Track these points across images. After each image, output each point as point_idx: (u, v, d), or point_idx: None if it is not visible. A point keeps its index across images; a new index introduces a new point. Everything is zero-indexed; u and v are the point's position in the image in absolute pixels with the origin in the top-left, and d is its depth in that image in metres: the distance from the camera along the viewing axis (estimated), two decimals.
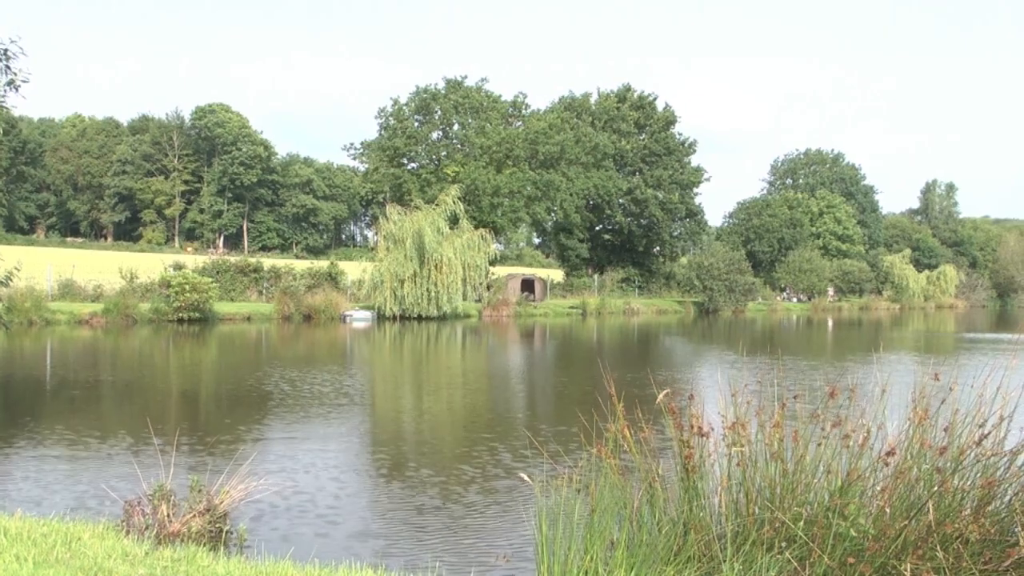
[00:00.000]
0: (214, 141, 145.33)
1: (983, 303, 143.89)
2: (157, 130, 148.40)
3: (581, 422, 7.72)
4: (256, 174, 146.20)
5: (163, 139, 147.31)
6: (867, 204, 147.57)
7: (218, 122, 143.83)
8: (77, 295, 52.04)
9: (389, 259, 58.49)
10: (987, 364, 7.63)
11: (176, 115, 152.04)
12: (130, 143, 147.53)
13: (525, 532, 9.63)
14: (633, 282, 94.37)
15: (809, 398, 8.41)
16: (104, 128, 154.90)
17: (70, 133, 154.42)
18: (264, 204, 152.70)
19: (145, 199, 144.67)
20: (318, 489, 11.90)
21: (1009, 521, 6.48)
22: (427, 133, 79.31)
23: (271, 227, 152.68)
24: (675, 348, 43.56)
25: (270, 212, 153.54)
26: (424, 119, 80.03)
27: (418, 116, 79.98)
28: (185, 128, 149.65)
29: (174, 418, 17.75)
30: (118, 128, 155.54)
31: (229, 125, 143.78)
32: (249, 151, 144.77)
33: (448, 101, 78.65)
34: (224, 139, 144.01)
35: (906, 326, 71.39)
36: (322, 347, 38.75)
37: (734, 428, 7.14)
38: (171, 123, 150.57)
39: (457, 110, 79.12)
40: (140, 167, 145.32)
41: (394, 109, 79.51)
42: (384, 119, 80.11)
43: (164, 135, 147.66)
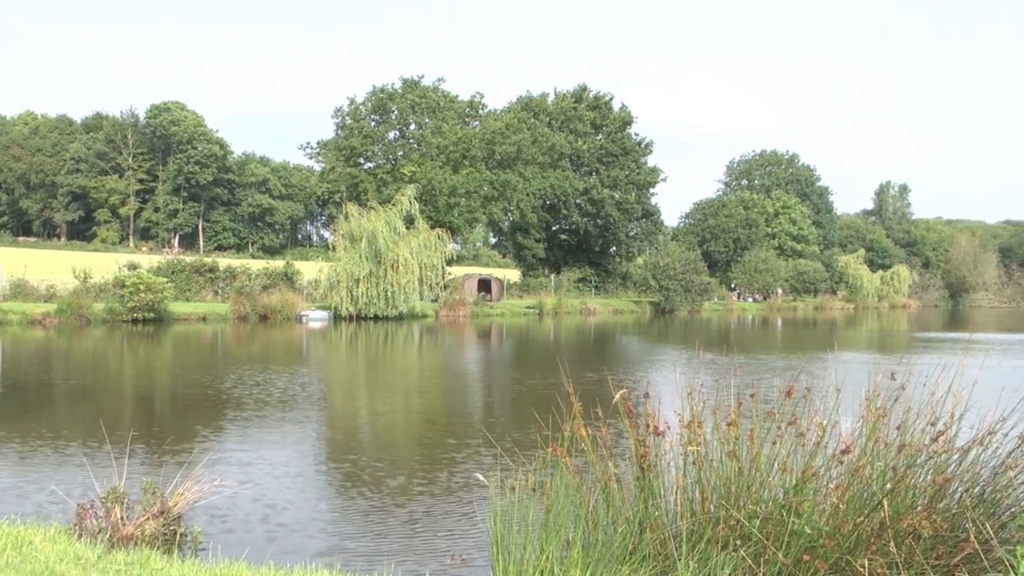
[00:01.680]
0: (169, 140, 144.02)
1: (935, 303, 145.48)
2: (111, 128, 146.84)
3: (538, 422, 7.73)
4: (212, 173, 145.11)
5: (117, 137, 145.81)
6: (822, 205, 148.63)
7: (173, 120, 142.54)
8: (29, 295, 51.53)
9: (346, 259, 58.35)
10: (939, 363, 7.72)
11: (131, 113, 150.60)
12: (84, 141, 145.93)
13: (481, 532, 9.64)
14: (590, 282, 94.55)
15: (764, 397, 8.48)
16: (57, 126, 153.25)
17: (22, 131, 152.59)
18: (220, 203, 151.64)
19: (99, 198, 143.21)
20: (274, 490, 11.84)
21: (960, 517, 6.55)
22: (384, 133, 79.32)
23: (227, 227, 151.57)
24: (632, 348, 43.67)
25: (226, 211, 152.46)
26: (381, 119, 80.00)
27: (375, 116, 79.96)
28: (140, 126, 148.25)
29: (128, 420, 17.62)
30: (71, 126, 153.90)
31: (184, 124, 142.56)
32: (205, 150, 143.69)
33: (405, 101, 78.65)
34: (179, 138, 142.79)
35: (860, 325, 71.99)
36: (278, 347, 38.58)
37: (690, 427, 7.17)
38: (125, 121, 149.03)
39: (414, 110, 79.16)
40: (94, 165, 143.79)
41: (351, 109, 79.47)
42: (341, 118, 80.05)
43: (118, 133, 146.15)
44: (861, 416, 7.38)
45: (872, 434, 7.11)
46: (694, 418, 7.23)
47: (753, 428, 7.14)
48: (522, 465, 8.05)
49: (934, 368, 7.61)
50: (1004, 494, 6.73)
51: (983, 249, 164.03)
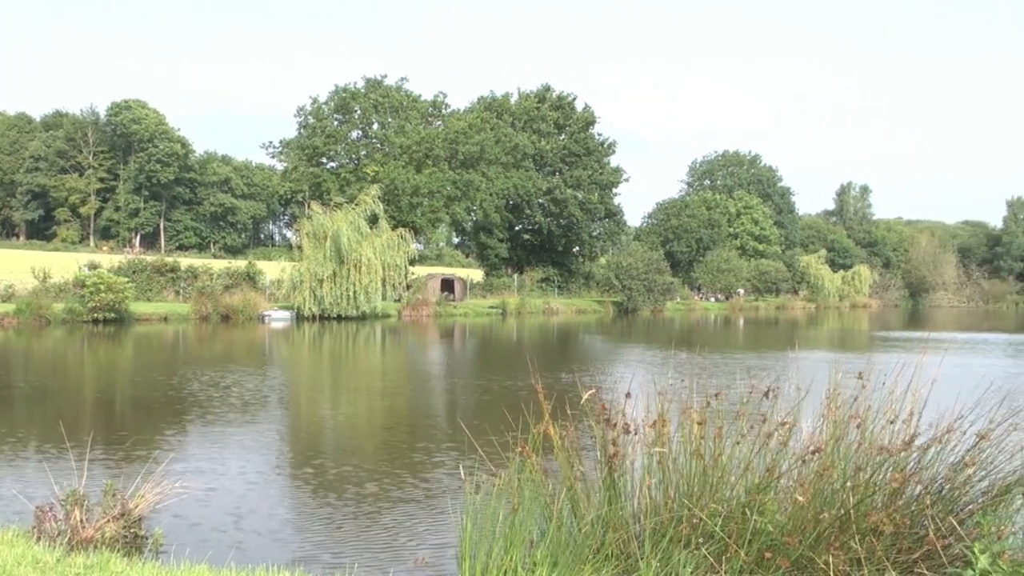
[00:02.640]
0: (130, 138, 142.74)
1: (896, 302, 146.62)
2: (71, 126, 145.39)
3: (504, 421, 7.73)
4: (173, 172, 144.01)
5: (77, 135, 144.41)
6: (784, 205, 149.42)
7: (134, 119, 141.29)
8: None
9: (309, 259, 58.20)
10: (899, 362, 7.78)
11: (91, 111, 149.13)
12: (43, 139, 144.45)
13: (446, 532, 9.64)
14: (553, 282, 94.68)
15: (728, 397, 8.50)
16: (16, 124, 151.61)
17: None
18: (181, 203, 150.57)
19: (59, 197, 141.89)
20: (236, 492, 11.80)
21: (919, 514, 6.61)
22: (346, 132, 79.12)
23: (188, 226, 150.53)
24: (595, 347, 43.75)
25: (187, 211, 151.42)
26: (343, 118, 79.80)
27: (337, 115, 79.75)
28: (100, 124, 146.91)
29: (88, 422, 17.51)
30: (30, 124, 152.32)
31: (145, 122, 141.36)
32: (166, 148, 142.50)
33: (368, 100, 78.49)
34: (140, 136, 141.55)
35: (821, 325, 72.41)
36: (240, 348, 38.39)
37: (655, 426, 7.19)
38: (86, 119, 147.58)
39: (377, 109, 79.01)
40: (54, 164, 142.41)
41: (313, 108, 79.21)
42: (303, 118, 79.79)
43: (79, 131, 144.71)
44: (823, 415, 7.43)
45: (834, 433, 7.16)
46: (659, 418, 7.25)
47: (717, 427, 7.17)
48: (489, 465, 8.04)
49: (894, 367, 7.67)
50: (962, 491, 6.80)
51: (942, 249, 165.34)
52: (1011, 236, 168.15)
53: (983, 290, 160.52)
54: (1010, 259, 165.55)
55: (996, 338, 53.21)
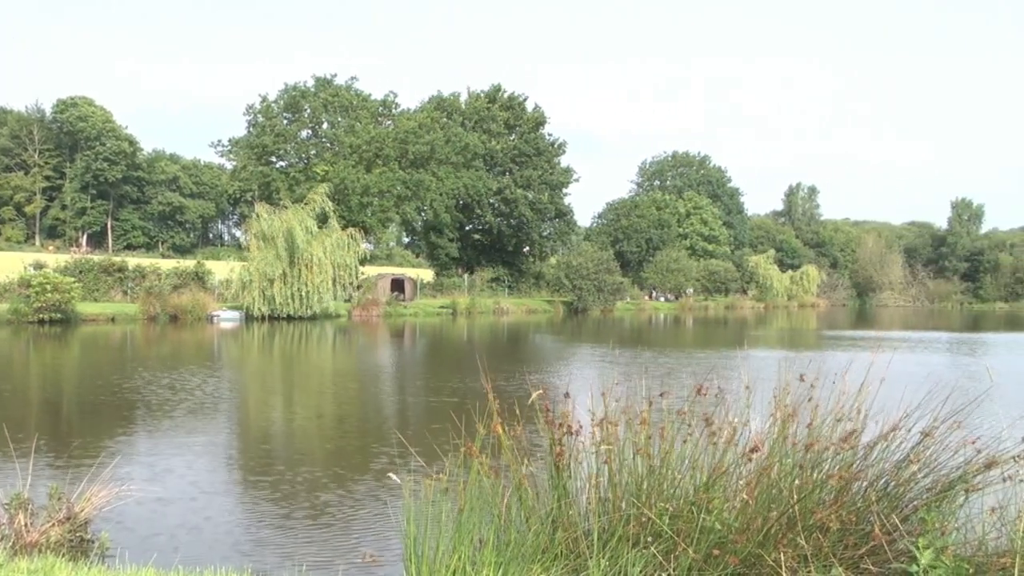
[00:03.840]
0: (76, 136, 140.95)
1: (843, 302, 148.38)
2: (16, 123, 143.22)
3: (451, 421, 7.73)
4: (121, 170, 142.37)
5: (22, 133, 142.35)
6: (733, 206, 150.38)
7: (80, 116, 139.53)
8: None
9: (258, 258, 57.92)
10: (846, 360, 7.87)
11: (36, 108, 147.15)
12: None
13: (395, 533, 9.63)
14: (503, 282, 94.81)
15: (676, 395, 8.57)
16: None
17: None
18: (129, 201, 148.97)
19: (3, 195, 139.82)
20: (183, 494, 11.71)
21: (865, 510, 6.68)
22: (296, 131, 78.74)
23: (136, 225, 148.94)
24: (545, 347, 43.81)
25: (135, 210, 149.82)
26: (293, 117, 79.42)
27: (287, 114, 79.36)
28: (46, 122, 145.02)
29: (33, 424, 17.30)
30: None
31: (92, 119, 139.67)
32: (113, 146, 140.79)
33: (317, 99, 78.21)
34: (87, 134, 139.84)
35: (770, 324, 72.95)
36: (188, 348, 38.12)
37: (602, 425, 7.21)
38: (31, 116, 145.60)
39: (327, 108, 78.72)
40: None
41: (262, 106, 78.74)
42: (252, 116, 79.30)
43: (23, 128, 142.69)
44: (771, 414, 7.49)
45: (781, 431, 7.23)
46: (606, 416, 7.28)
47: (664, 426, 7.21)
48: (435, 465, 8.05)
49: (841, 365, 7.76)
50: (907, 488, 6.88)
51: (889, 250, 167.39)
52: (955, 237, 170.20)
53: (928, 290, 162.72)
54: (955, 259, 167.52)
55: (941, 337, 53.85)
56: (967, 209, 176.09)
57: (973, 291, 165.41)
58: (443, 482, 6.98)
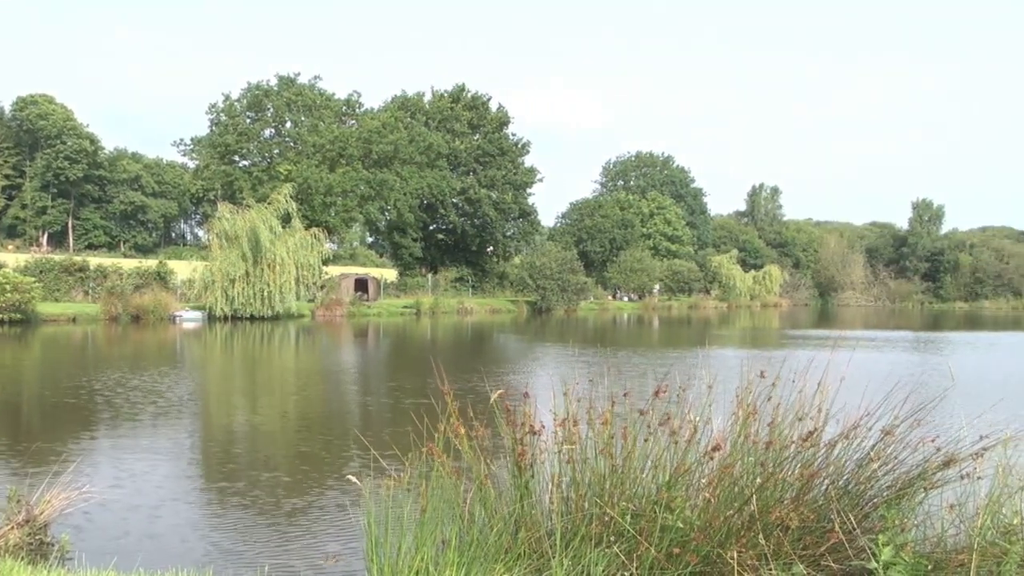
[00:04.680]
0: (36, 134, 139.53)
1: (805, 301, 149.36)
2: None
3: (414, 422, 7.72)
4: (82, 169, 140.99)
5: None
6: (696, 206, 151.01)
7: (41, 114, 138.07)
8: None
9: (221, 258, 57.67)
10: (808, 359, 7.93)
11: None
12: None
13: (359, 533, 9.63)
14: (467, 281, 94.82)
15: (639, 395, 8.58)
16: None
17: None
18: (90, 200, 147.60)
19: None
20: (145, 495, 11.63)
21: (826, 508, 6.72)
22: (259, 130, 78.37)
23: (98, 224, 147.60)
24: (508, 347, 43.83)
25: (97, 209, 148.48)
26: (256, 116, 79.03)
27: (250, 113, 78.94)
28: (5, 119, 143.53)
29: None
30: None
31: (53, 117, 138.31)
32: (74, 145, 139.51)
33: (281, 98, 77.84)
34: (48, 132, 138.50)
35: (733, 324, 73.28)
36: (150, 349, 37.91)
37: (564, 425, 7.23)
38: None
39: (290, 107, 78.38)
40: None
41: (225, 105, 78.27)
42: (215, 115, 78.80)
43: None
44: (733, 412, 7.53)
45: (743, 430, 7.27)
46: (568, 416, 7.29)
47: (626, 426, 7.23)
48: (398, 465, 8.04)
49: (803, 364, 7.81)
50: (867, 485, 6.93)
51: (850, 250, 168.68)
52: (916, 237, 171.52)
53: (890, 289, 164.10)
54: (915, 259, 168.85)
55: (902, 336, 54.30)
56: (928, 210, 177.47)
57: (933, 291, 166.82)
58: (405, 483, 6.98)
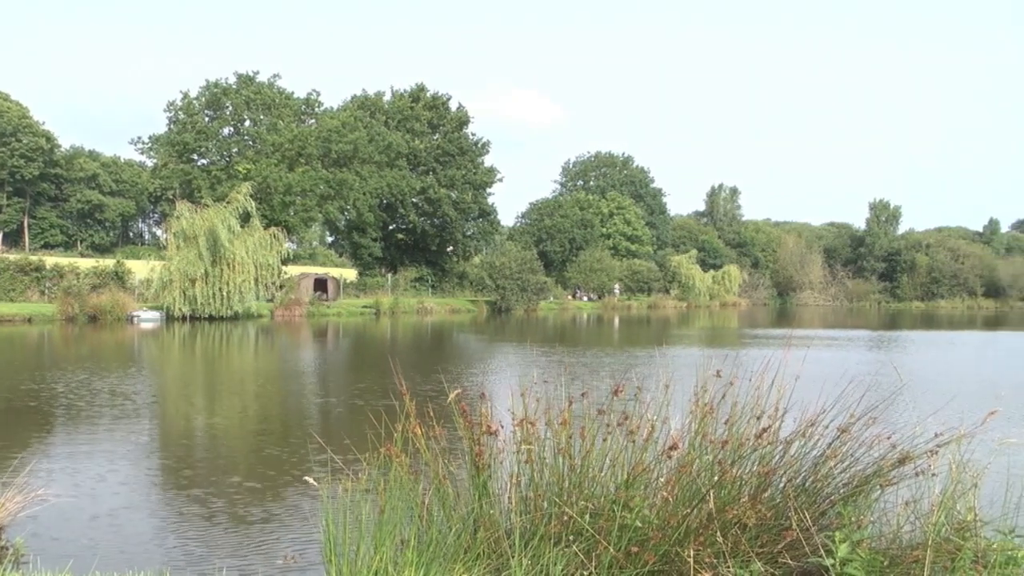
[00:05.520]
0: None
1: (764, 301, 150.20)
2: None
3: (372, 423, 7.70)
4: (38, 167, 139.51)
5: None
6: (656, 206, 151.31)
7: None
8: None
9: (179, 258, 57.31)
10: (765, 358, 7.97)
11: None
12: None
13: (317, 533, 9.60)
14: (426, 281, 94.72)
15: (597, 394, 8.61)
16: None
17: None
18: (47, 199, 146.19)
19: None
20: (102, 498, 11.54)
21: (783, 506, 6.77)
22: (218, 129, 77.86)
23: (54, 223, 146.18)
24: (468, 347, 43.82)
25: (53, 208, 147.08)
26: (215, 114, 78.54)
27: (208, 111, 78.43)
28: None
29: None
30: None
31: (8, 115, 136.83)
32: (30, 143, 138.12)
33: (240, 97, 77.40)
34: (2, 129, 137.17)
35: (692, 323, 73.58)
36: (107, 350, 37.61)
37: (522, 425, 7.24)
38: None
39: (249, 106, 77.94)
40: None
41: (184, 103, 77.70)
42: (173, 113, 78.20)
43: None
44: (690, 411, 7.57)
45: (700, 429, 7.31)
46: (526, 416, 7.30)
47: (584, 425, 7.25)
48: (356, 466, 8.03)
49: (761, 363, 7.86)
50: (824, 483, 7.00)
51: (808, 250, 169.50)
52: (873, 237, 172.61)
53: (847, 289, 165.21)
54: (872, 259, 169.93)
55: (859, 335, 54.74)
56: (884, 210, 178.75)
57: (890, 290, 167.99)
58: (363, 484, 6.97)
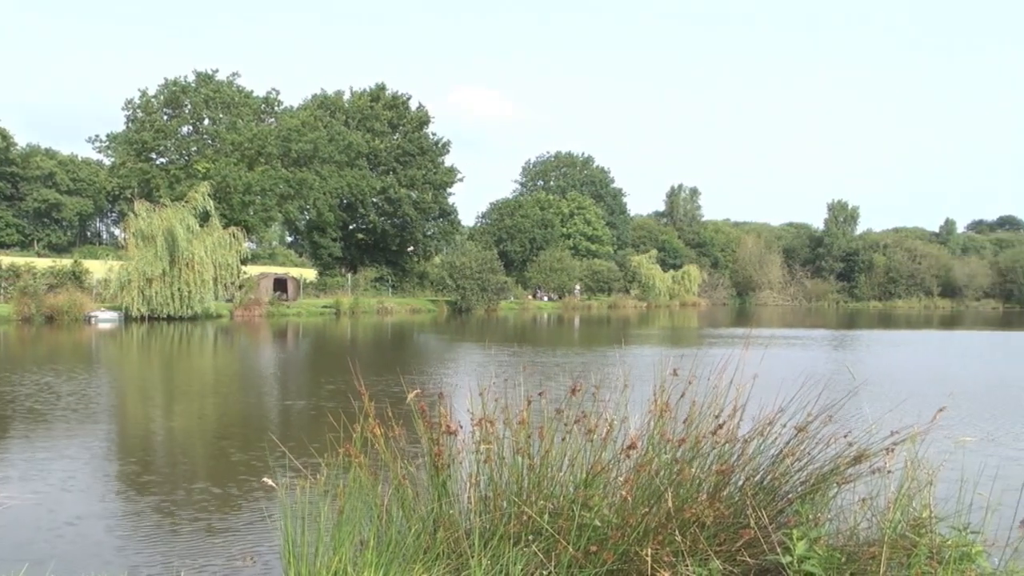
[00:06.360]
0: None
1: (724, 301, 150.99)
2: None
3: (332, 423, 7.68)
4: None
5: None
6: (616, 206, 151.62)
7: None
8: None
9: (137, 257, 56.93)
10: (724, 357, 8.02)
11: None
12: None
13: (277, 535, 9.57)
14: (387, 281, 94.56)
15: (556, 394, 8.64)
16: None
17: None
18: (2, 198, 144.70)
19: None
20: (58, 501, 11.43)
21: (741, 504, 6.81)
22: (176, 127, 77.26)
23: (10, 223, 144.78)
24: (428, 347, 43.78)
25: (9, 207, 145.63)
26: (174, 112, 77.96)
27: (167, 109, 77.83)
28: None
29: None
30: None
31: None
32: None
33: (199, 95, 76.88)
34: None
35: (652, 323, 73.84)
36: (65, 351, 37.30)
37: (481, 424, 7.25)
38: None
39: (208, 104, 77.43)
40: None
41: (142, 101, 77.08)
42: (131, 111, 77.55)
43: None
44: (649, 410, 7.59)
45: (658, 428, 7.33)
46: (485, 416, 7.31)
47: (543, 425, 7.26)
48: (316, 466, 8.01)
49: (720, 362, 7.91)
50: (782, 481, 7.04)
51: (768, 250, 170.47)
52: (832, 237, 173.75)
53: (806, 289, 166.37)
54: (831, 259, 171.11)
55: (817, 334, 55.15)
56: (843, 211, 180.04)
57: (848, 290, 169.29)
58: (322, 484, 6.96)
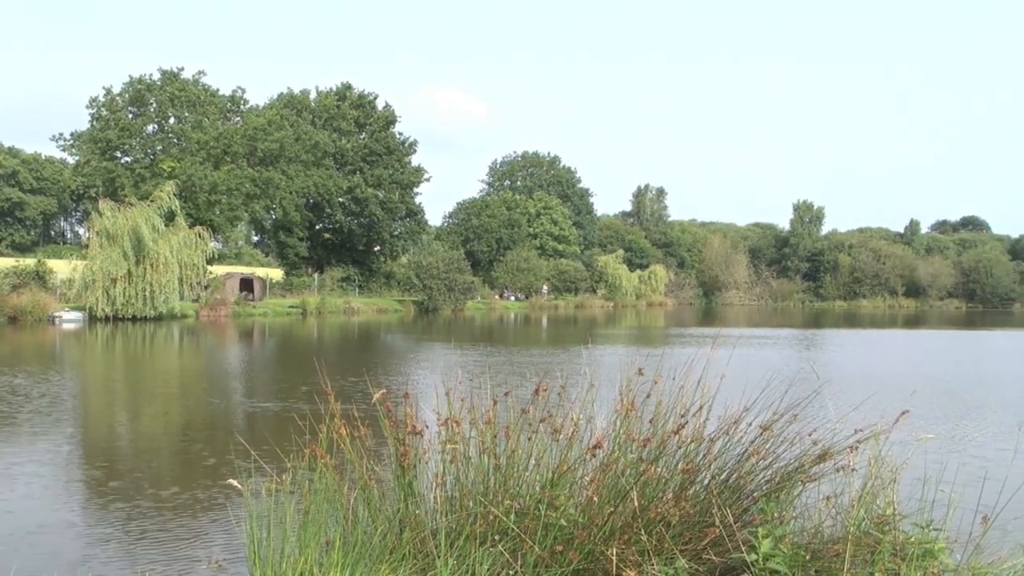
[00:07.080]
0: None
1: (690, 301, 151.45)
2: None
3: (297, 424, 7.66)
4: None
5: None
6: (582, 206, 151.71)
7: None
8: None
9: (101, 257, 56.59)
10: (691, 356, 8.04)
11: None
12: None
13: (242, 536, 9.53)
14: (353, 281, 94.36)
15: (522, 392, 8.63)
16: None
17: None
18: None
19: None
20: (20, 503, 11.41)
21: (707, 503, 6.83)
22: (141, 126, 76.75)
23: None
24: (395, 347, 43.74)
25: None
26: (138, 111, 77.42)
27: (132, 108, 77.29)
28: None
29: None
30: None
31: None
32: None
33: (164, 93, 76.38)
34: None
35: (619, 322, 74.07)
36: (28, 351, 37.06)
37: (447, 424, 7.24)
38: None
39: (173, 103, 76.92)
40: None
41: (106, 99, 76.52)
42: (96, 109, 76.96)
43: None
44: (615, 410, 7.61)
45: (624, 427, 7.35)
46: (451, 415, 7.30)
47: (509, 424, 7.26)
48: (281, 467, 7.98)
49: (686, 361, 7.93)
50: (747, 480, 7.07)
51: (734, 250, 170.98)
52: (797, 238, 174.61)
53: (772, 289, 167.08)
54: (796, 259, 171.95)
55: (783, 333, 55.43)
56: (808, 211, 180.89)
57: (814, 290, 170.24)
58: (287, 484, 6.93)
